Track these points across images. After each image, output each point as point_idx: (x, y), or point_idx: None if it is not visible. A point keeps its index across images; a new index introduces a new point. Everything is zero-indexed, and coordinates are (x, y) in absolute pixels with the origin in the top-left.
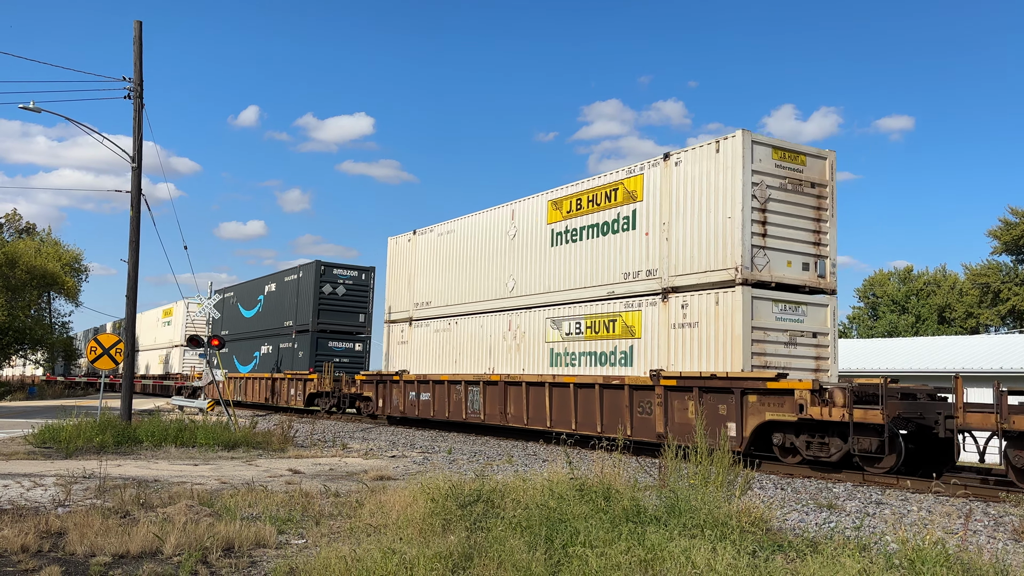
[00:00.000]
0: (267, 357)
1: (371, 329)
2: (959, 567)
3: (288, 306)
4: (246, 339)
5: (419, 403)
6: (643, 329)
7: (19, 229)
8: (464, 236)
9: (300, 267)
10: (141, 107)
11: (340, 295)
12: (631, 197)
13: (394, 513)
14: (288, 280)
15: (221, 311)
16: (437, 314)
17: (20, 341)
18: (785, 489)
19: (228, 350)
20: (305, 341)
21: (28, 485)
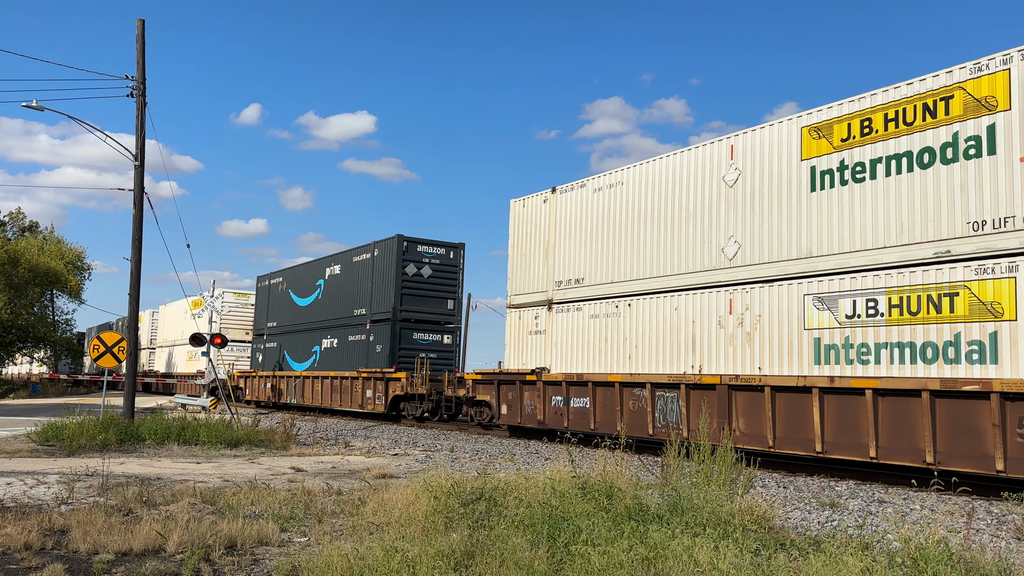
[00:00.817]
0: (331, 353)
1: (461, 318)
2: (962, 566)
3: (359, 291)
4: (301, 331)
5: (569, 411)
6: (1018, 306)
7: (22, 227)
8: (641, 188)
9: (375, 244)
10: (144, 105)
11: (426, 277)
12: (983, 106)
13: (396, 511)
14: (359, 260)
15: (266, 299)
16: (593, 295)
17: (23, 339)
18: (787, 488)
19: (277, 344)
20: (384, 333)
21: (31, 483)
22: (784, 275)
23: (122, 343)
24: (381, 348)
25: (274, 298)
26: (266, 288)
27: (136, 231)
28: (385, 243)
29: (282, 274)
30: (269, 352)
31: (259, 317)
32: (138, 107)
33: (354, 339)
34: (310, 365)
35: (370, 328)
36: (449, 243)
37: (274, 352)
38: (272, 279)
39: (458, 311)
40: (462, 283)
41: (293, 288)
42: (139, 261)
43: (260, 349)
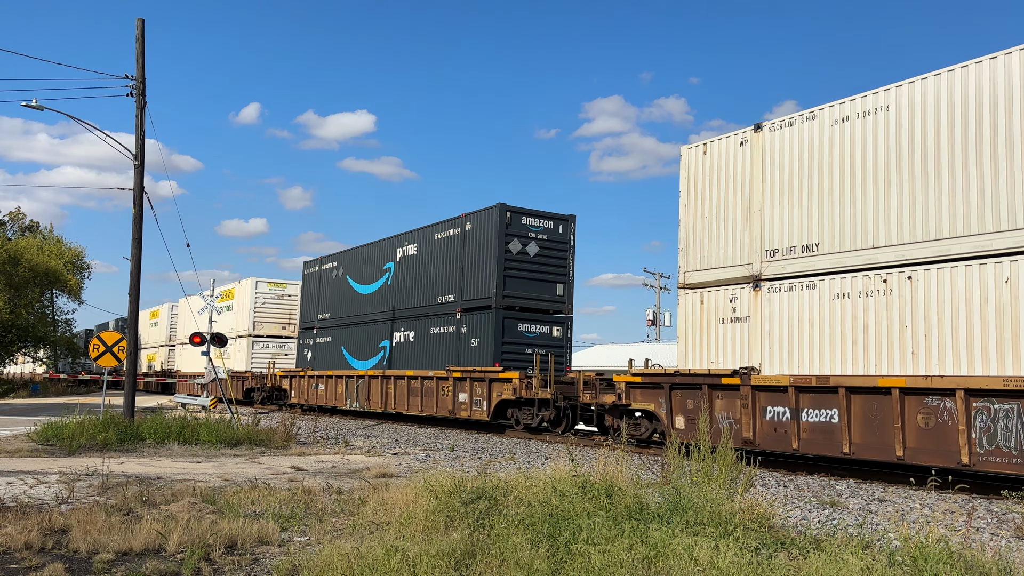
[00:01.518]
0: (406, 348)
1: (571, 306)
2: (962, 564)
3: (445, 274)
4: (363, 324)
5: (800, 428)
6: None
7: (22, 227)
8: (923, 113)
9: (466, 217)
10: (143, 105)
11: (532, 255)
12: None
13: (397, 510)
14: (443, 237)
15: (316, 288)
16: (836, 266)
17: (23, 339)
18: (788, 486)
19: (331, 339)
20: (482, 324)
21: (31, 482)
22: None
23: (122, 342)
24: (478, 342)
25: (327, 286)
26: (315, 275)
27: (136, 230)
28: (482, 215)
29: (336, 258)
30: (322, 348)
31: (307, 308)
32: (138, 106)
33: (438, 332)
34: (377, 363)
35: (461, 318)
36: (558, 214)
37: (329, 348)
38: (324, 264)
39: (568, 298)
40: (573, 263)
41: (352, 274)
42: (139, 260)
43: (309, 345)
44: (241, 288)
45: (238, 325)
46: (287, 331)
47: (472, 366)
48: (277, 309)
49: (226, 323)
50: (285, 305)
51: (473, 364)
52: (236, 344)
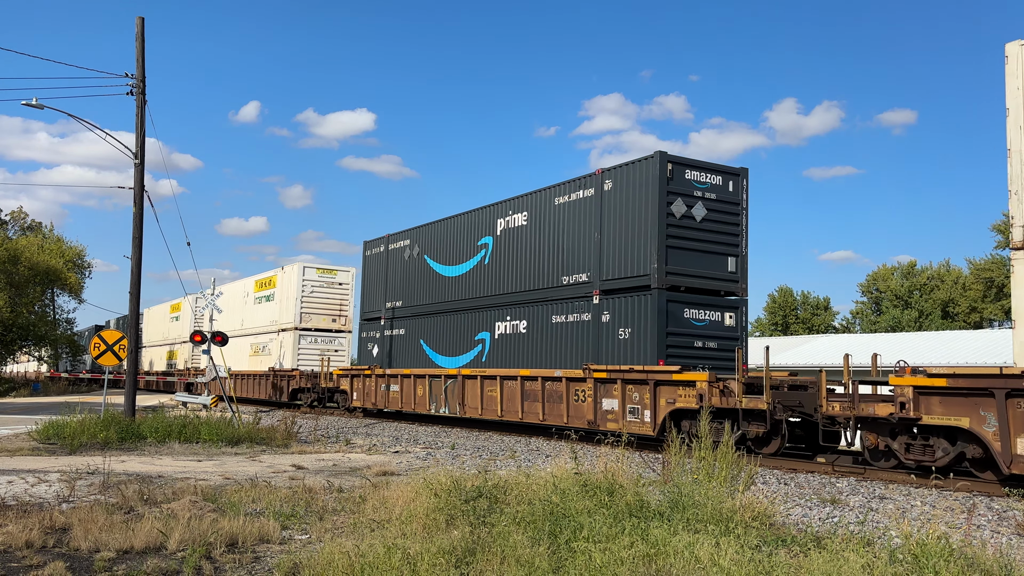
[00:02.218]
0: (514, 342)
1: (745, 287)
2: (963, 562)
3: (574, 247)
4: (450, 313)
5: None
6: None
7: (24, 226)
8: None
9: (607, 172)
10: (143, 103)
11: (698, 220)
12: None
13: (397, 508)
14: (568, 201)
15: (383, 272)
16: None
17: (24, 338)
18: (788, 484)
19: (404, 332)
20: (638, 309)
21: (32, 481)
22: None
23: (123, 341)
24: (629, 333)
25: (397, 269)
26: (379, 256)
27: (136, 229)
28: (632, 169)
29: (408, 235)
30: (394, 343)
31: (371, 295)
32: (138, 105)
33: (563, 320)
34: (472, 359)
35: (601, 303)
36: (728, 167)
37: (403, 342)
38: (391, 243)
39: (742, 275)
40: (746, 231)
41: (432, 253)
42: (139, 259)
43: (375, 339)
44: (285, 276)
45: (281, 317)
46: (338, 324)
47: (621, 364)
48: (327, 299)
49: (266, 315)
50: (335, 294)
51: (622, 361)
52: (280, 339)
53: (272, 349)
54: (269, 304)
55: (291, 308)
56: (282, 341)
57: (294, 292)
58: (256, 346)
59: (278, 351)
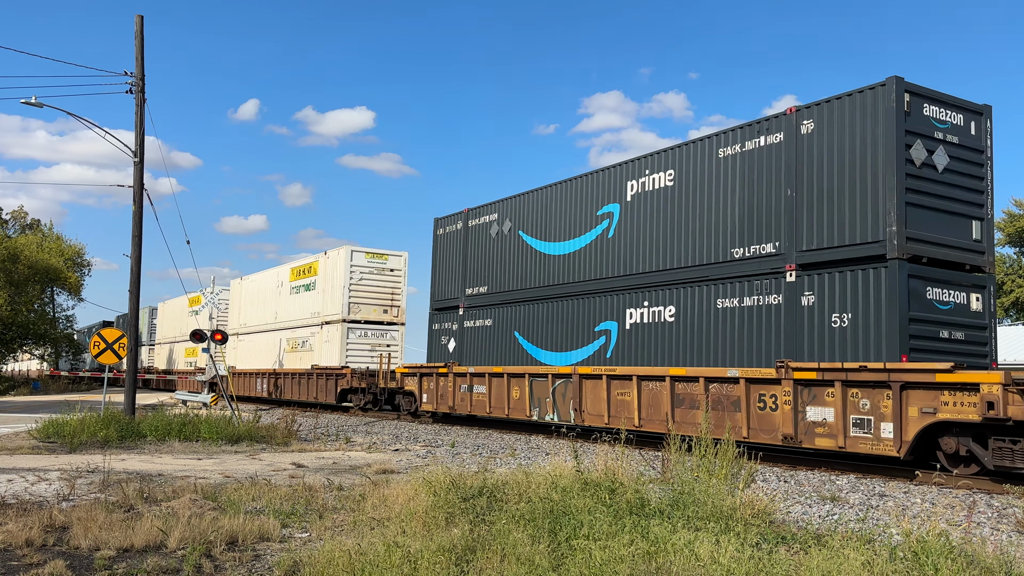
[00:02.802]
0: (653, 332)
1: (993, 258)
2: (963, 559)
3: (748, 208)
4: (558, 299)
5: None
6: None
7: (24, 225)
8: None
9: (804, 110)
10: (143, 101)
11: (940, 170)
12: None
13: (397, 506)
14: (740, 152)
15: (459, 253)
16: None
17: (24, 336)
18: (788, 482)
19: (492, 323)
20: (863, 288)
21: (32, 479)
22: None
23: (122, 339)
24: (849, 320)
25: (481, 249)
26: (456, 236)
27: (136, 227)
28: (852, 101)
29: (497, 208)
30: (477, 336)
31: (443, 282)
32: (137, 103)
33: (735, 304)
34: (592, 355)
35: (798, 281)
36: (969, 104)
37: (490, 335)
38: (473, 219)
39: (988, 245)
40: (991, 189)
41: (530, 228)
42: (139, 257)
43: (451, 331)
44: (329, 261)
45: (325, 308)
46: (389, 316)
47: (836, 360)
48: (378, 287)
49: (306, 306)
50: (386, 282)
51: (834, 356)
52: (324, 333)
53: (314, 344)
54: (309, 294)
55: (337, 298)
56: (327, 335)
57: (341, 279)
58: (294, 341)
59: (321, 346)
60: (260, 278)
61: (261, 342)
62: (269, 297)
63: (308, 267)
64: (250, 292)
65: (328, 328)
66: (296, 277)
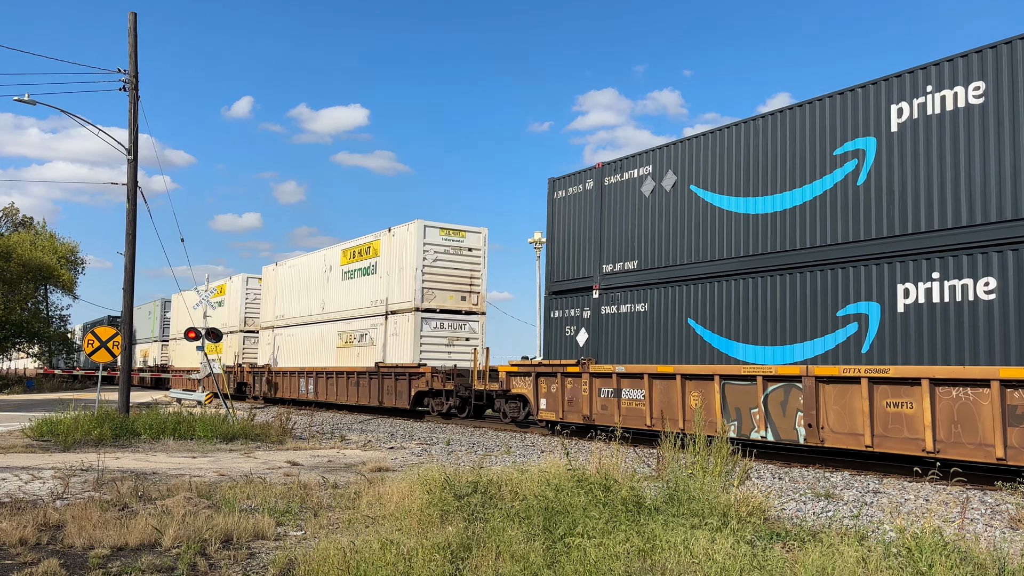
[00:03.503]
0: (946, 315)
1: None
2: (956, 555)
3: None
4: (760, 273)
5: None
6: None
7: (16, 222)
8: None
9: None
10: (136, 99)
11: None
12: None
13: (392, 504)
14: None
15: (584, 217)
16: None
17: (17, 334)
18: (783, 479)
19: (648, 308)
20: None
21: (26, 478)
22: None
23: (117, 337)
24: None
25: (623, 213)
26: (583, 199)
27: (130, 225)
28: None
29: (652, 159)
30: (617, 324)
31: (563, 258)
32: (131, 101)
33: None
34: (834, 349)
35: None
36: None
37: (643, 324)
38: (613, 175)
39: None
40: None
41: (708, 181)
42: (133, 256)
43: (577, 320)
44: (395, 239)
45: (391, 294)
46: (468, 303)
47: None
48: (454, 269)
49: (364, 293)
50: (465, 264)
51: None
52: (390, 324)
53: (376, 338)
54: (368, 279)
55: (408, 282)
56: (394, 327)
57: (412, 260)
58: (348, 335)
59: (386, 340)
60: (302, 262)
61: (304, 336)
62: (314, 284)
63: (366, 247)
64: (289, 279)
65: (396, 319)
66: (350, 259)
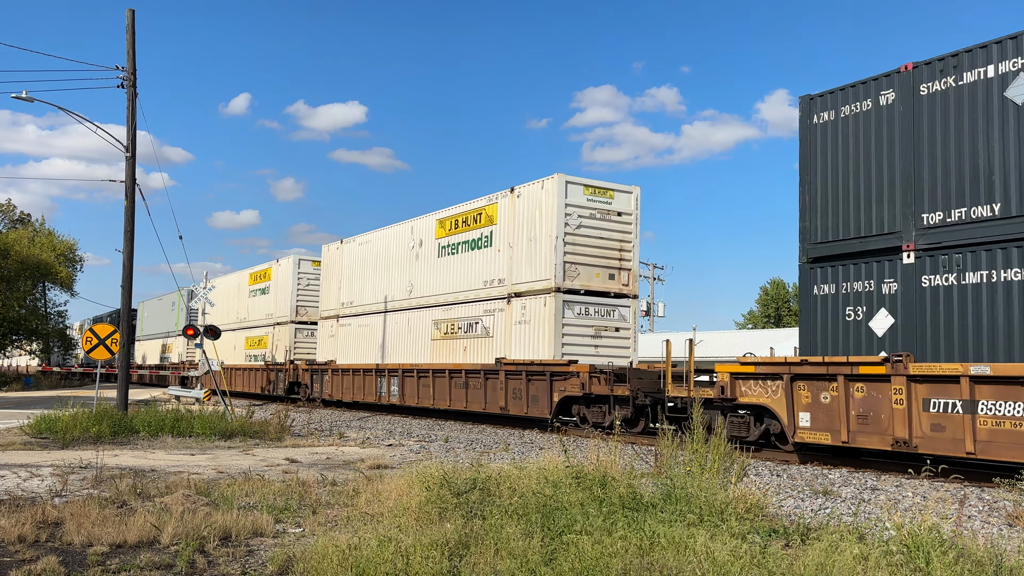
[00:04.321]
0: None
1: None
2: (954, 552)
3: None
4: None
5: None
6: None
7: (13, 219)
8: None
9: None
10: (135, 96)
11: None
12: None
13: (391, 501)
14: None
15: (883, 137)
16: None
17: (15, 332)
18: (781, 476)
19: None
20: None
21: (25, 475)
22: None
23: (115, 335)
24: None
25: (951, 134)
26: (862, 120)
27: (128, 223)
28: None
29: (1012, 46)
30: (942, 301)
31: (832, 209)
32: (129, 98)
33: None
34: None
35: None
36: None
37: (995, 298)
38: (933, 81)
39: None
40: None
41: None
42: (131, 253)
43: (865, 297)
44: (520, 201)
45: (515, 273)
46: (619, 282)
47: None
48: (601, 239)
49: (474, 271)
50: (614, 233)
51: None
52: (514, 309)
53: (493, 327)
54: (479, 254)
55: (543, 256)
56: (521, 312)
57: (549, 227)
58: (450, 324)
59: (508, 330)
60: (379, 237)
61: (387, 326)
62: (398, 263)
63: (475, 214)
64: (360, 259)
65: (523, 302)
66: (450, 231)
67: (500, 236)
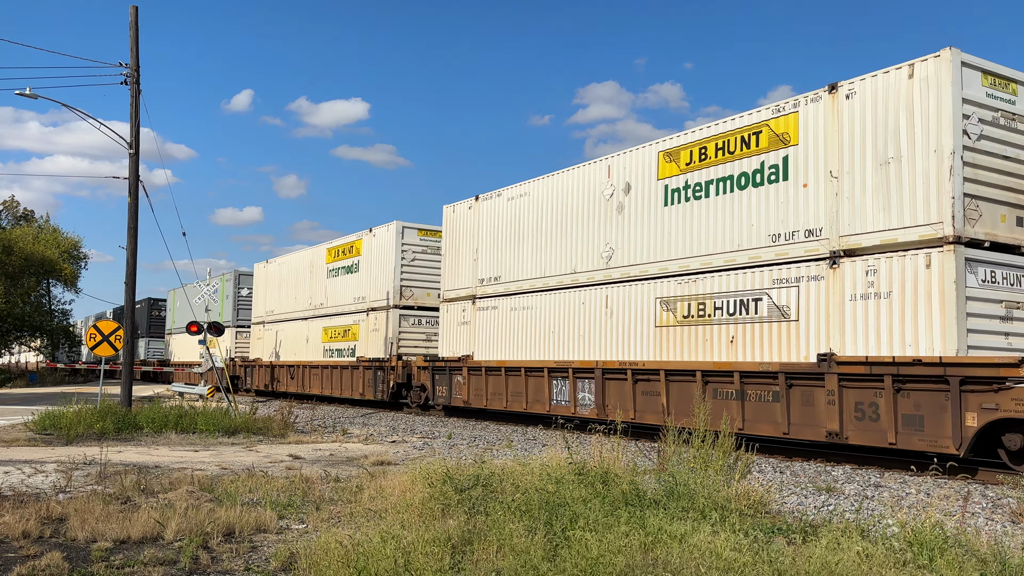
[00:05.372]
0: None
1: None
2: (957, 549)
3: None
4: None
5: None
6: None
7: (16, 216)
8: None
9: None
10: (138, 93)
11: None
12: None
13: (393, 498)
14: None
15: None
16: None
17: (19, 328)
18: (784, 472)
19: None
20: None
21: (29, 471)
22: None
23: (119, 331)
24: None
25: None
26: None
27: (131, 219)
28: None
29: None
30: None
31: None
32: (132, 94)
33: None
34: None
35: None
36: None
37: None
38: None
39: None
40: None
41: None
42: (135, 249)
43: None
44: (849, 105)
45: (858, 215)
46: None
47: None
48: (1007, 161)
49: (745, 219)
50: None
51: None
52: (883, 271)
53: (795, 304)
54: (759, 192)
55: (915, 186)
56: (866, 277)
57: (932, 136)
58: (697, 303)
59: (821, 307)
60: (542, 187)
61: (565, 310)
62: (582, 220)
63: (750, 132)
64: (512, 218)
65: (871, 264)
66: (691, 163)
67: (806, 161)
